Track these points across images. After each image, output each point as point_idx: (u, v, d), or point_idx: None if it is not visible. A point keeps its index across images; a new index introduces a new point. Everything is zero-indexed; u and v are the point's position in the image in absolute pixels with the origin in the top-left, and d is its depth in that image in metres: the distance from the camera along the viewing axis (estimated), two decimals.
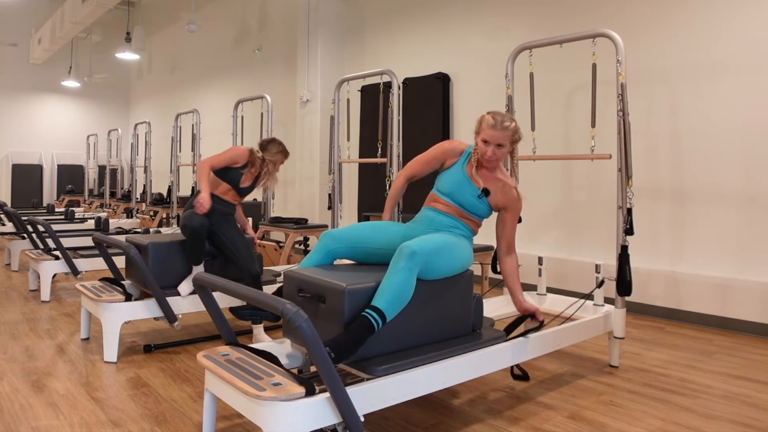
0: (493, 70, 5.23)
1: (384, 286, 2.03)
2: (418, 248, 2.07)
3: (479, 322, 2.44)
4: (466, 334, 2.39)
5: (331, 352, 1.86)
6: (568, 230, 4.74)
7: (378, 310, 1.98)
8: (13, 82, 12.34)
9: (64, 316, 3.89)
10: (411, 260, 2.04)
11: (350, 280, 2.06)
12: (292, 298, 2.23)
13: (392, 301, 2.00)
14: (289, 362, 2.30)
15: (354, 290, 2.02)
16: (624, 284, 2.85)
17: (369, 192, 6.52)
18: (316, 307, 2.12)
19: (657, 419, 2.32)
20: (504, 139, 2.41)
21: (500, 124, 2.40)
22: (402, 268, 2.03)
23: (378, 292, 2.02)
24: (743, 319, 3.68)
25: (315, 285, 2.13)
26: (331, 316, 2.05)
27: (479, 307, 2.43)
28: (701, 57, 3.97)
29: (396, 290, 2.01)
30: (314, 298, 2.12)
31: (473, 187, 2.45)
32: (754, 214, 3.72)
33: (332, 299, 2.05)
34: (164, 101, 11.90)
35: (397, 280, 2.02)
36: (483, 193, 2.44)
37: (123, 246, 3.01)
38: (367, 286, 2.06)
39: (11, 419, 2.26)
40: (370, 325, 1.96)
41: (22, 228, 5.07)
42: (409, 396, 2.02)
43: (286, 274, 2.28)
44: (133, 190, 8.38)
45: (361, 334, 1.94)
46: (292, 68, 7.60)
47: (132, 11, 11.92)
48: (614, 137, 2.92)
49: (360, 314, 1.99)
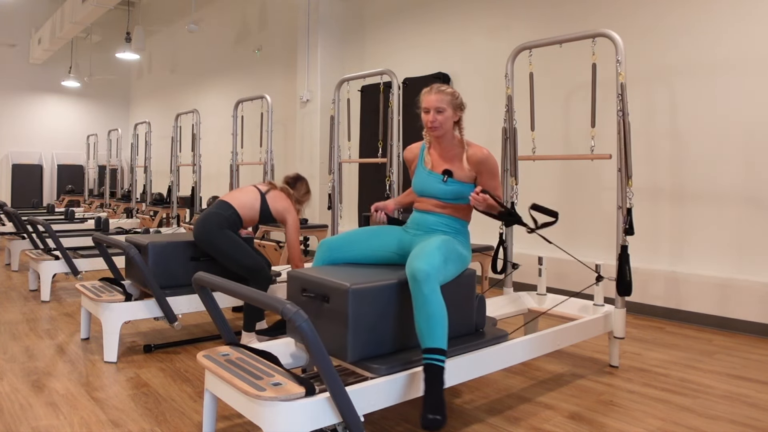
0: (493, 70, 5.22)
1: (421, 322, 2.01)
2: (429, 267, 2.03)
3: (482, 322, 2.44)
4: (470, 333, 2.39)
5: (436, 416, 1.90)
6: (568, 230, 4.74)
7: (434, 350, 1.98)
8: (13, 82, 12.34)
9: (64, 316, 3.89)
10: (429, 282, 2.02)
11: (354, 280, 2.06)
12: (296, 298, 2.23)
13: (437, 331, 1.99)
14: (293, 362, 2.31)
15: (358, 290, 2.03)
16: (624, 284, 2.85)
17: (369, 192, 6.51)
18: (320, 307, 2.12)
19: (657, 419, 2.32)
20: (441, 102, 2.36)
21: (435, 89, 2.39)
22: (427, 294, 2.01)
23: (421, 331, 2.01)
24: (743, 319, 3.68)
25: (319, 284, 2.13)
26: (335, 315, 2.06)
27: (482, 307, 2.44)
28: (701, 57, 3.97)
29: (435, 320, 2.00)
30: (318, 297, 2.12)
31: (435, 175, 2.42)
32: (754, 214, 3.72)
33: (336, 299, 2.05)
34: (164, 101, 11.90)
35: (431, 311, 2.00)
36: (446, 175, 2.38)
37: (123, 246, 3.01)
38: (371, 285, 2.06)
39: (11, 419, 2.26)
40: (439, 369, 1.98)
41: (22, 228, 5.07)
42: (409, 396, 2.02)
43: (290, 273, 2.28)
44: (133, 190, 8.38)
45: (438, 381, 1.96)
46: (292, 68, 7.59)
47: (132, 11, 11.91)
48: (614, 137, 2.92)
49: (423, 365, 1.99)
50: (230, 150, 6.09)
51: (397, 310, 2.14)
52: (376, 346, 2.07)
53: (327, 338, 2.08)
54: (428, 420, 1.90)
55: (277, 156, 6.93)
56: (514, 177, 3.32)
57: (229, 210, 3.24)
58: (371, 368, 1.99)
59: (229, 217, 3.22)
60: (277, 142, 7.31)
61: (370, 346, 2.05)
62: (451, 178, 2.38)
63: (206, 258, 3.33)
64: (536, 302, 3.28)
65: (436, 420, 1.90)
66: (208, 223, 3.18)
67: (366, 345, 2.05)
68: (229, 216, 3.22)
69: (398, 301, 2.14)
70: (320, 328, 2.12)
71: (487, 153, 2.39)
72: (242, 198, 3.32)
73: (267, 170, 5.47)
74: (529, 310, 3.22)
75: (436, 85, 2.42)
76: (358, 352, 2.03)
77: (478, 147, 2.41)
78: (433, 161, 2.46)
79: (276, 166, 6.51)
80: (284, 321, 3.04)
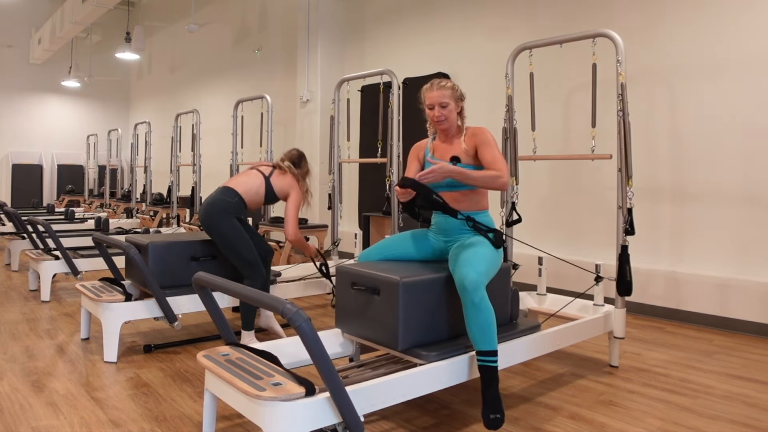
0: (493, 70, 5.23)
1: (473, 327, 2.12)
2: (477, 275, 2.13)
3: (516, 313, 2.62)
4: (505, 323, 2.58)
5: (497, 414, 2.10)
6: (568, 230, 4.74)
7: (487, 353, 2.12)
8: (13, 82, 12.34)
9: (64, 316, 3.89)
10: (479, 291, 2.12)
11: (404, 274, 2.19)
12: (346, 292, 2.37)
13: (489, 334, 2.12)
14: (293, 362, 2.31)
15: (408, 283, 2.16)
16: (624, 284, 2.85)
17: (369, 192, 6.51)
18: (370, 300, 2.25)
19: (657, 419, 2.32)
20: (444, 97, 2.46)
21: (436, 85, 2.50)
22: (478, 302, 2.11)
23: (473, 335, 2.13)
24: (743, 319, 3.68)
25: (369, 278, 2.26)
26: (385, 308, 2.19)
27: (516, 299, 2.62)
28: (701, 57, 3.97)
29: (486, 325, 2.12)
30: (369, 290, 2.25)
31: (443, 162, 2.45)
32: (754, 214, 3.72)
33: (387, 292, 2.17)
34: (164, 101, 11.90)
35: (483, 317, 2.11)
36: (453, 161, 2.45)
37: (123, 246, 3.01)
38: (420, 278, 2.20)
39: (11, 419, 2.26)
40: (493, 369, 2.13)
41: (22, 228, 5.07)
42: (410, 396, 2.03)
43: (339, 268, 2.42)
44: (133, 190, 8.38)
45: (494, 381, 2.13)
46: (292, 68, 7.59)
47: (132, 11, 11.91)
48: (614, 137, 2.92)
49: (479, 367, 2.14)
50: (230, 150, 6.09)
51: (443, 302, 2.28)
52: (425, 335, 2.22)
53: (377, 329, 2.23)
54: (490, 420, 2.10)
55: (277, 156, 6.94)
56: (514, 177, 3.31)
57: (235, 197, 3.26)
58: (421, 355, 2.14)
59: (236, 204, 3.24)
60: (277, 142, 7.31)
61: (419, 335, 2.19)
62: (460, 162, 2.45)
63: (206, 258, 3.33)
64: (536, 302, 3.28)
65: (497, 419, 2.10)
66: (216, 208, 3.19)
67: (415, 334, 2.19)
68: (236, 203, 3.25)
69: (445, 295, 2.28)
70: (370, 319, 2.26)
71: (480, 128, 2.48)
72: (247, 183, 3.35)
73: None
74: (529, 310, 3.22)
75: (436, 81, 2.52)
76: (409, 341, 2.17)
77: (474, 127, 2.51)
78: (440, 151, 2.56)
79: None
80: None
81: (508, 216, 3.27)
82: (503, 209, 3.34)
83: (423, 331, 2.21)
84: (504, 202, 3.33)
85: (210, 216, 3.18)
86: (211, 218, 3.18)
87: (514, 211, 3.25)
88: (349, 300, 2.37)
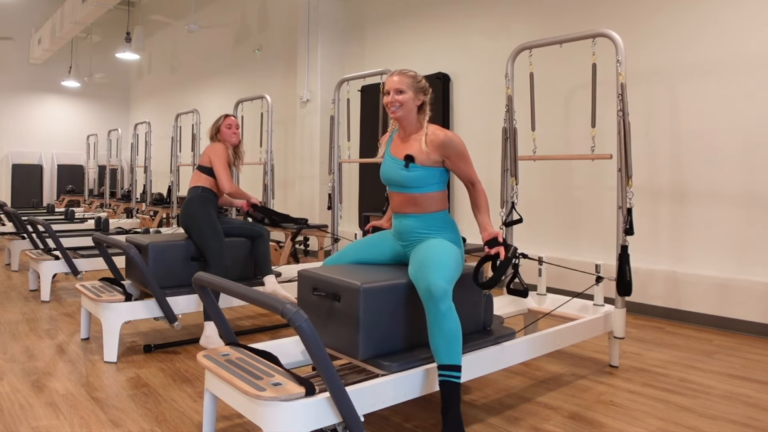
0: (493, 70, 5.22)
1: (438, 338, 2.00)
2: (445, 282, 2.01)
3: (489, 320, 2.48)
4: (478, 331, 2.43)
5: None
6: (568, 230, 4.74)
7: (450, 367, 2.00)
8: (12, 82, 12.33)
9: (64, 316, 3.89)
10: (446, 299, 2.00)
11: (365, 279, 2.08)
12: (308, 297, 2.26)
13: (454, 347, 2.00)
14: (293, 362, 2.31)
15: (369, 288, 2.05)
16: (624, 284, 2.85)
17: (369, 192, 6.51)
18: (331, 306, 2.15)
19: (657, 419, 2.32)
20: (401, 83, 2.26)
21: (398, 72, 2.31)
22: (444, 311, 1.99)
23: (437, 347, 2.01)
24: (743, 319, 3.68)
25: (330, 284, 2.15)
26: (346, 314, 2.08)
27: (489, 305, 2.48)
28: (701, 57, 3.97)
29: (452, 337, 2.00)
30: (329, 296, 2.14)
31: (398, 161, 2.29)
32: (754, 214, 3.72)
33: (347, 298, 2.07)
34: (164, 101, 11.89)
35: (449, 328, 1.99)
36: (407, 161, 2.25)
37: (123, 246, 3.01)
38: (381, 284, 2.09)
39: (11, 419, 2.26)
40: (456, 385, 2.01)
41: (22, 228, 5.07)
42: (419, 392, 2.03)
43: (301, 273, 2.31)
44: (133, 190, 8.37)
45: (456, 398, 2.00)
46: (292, 68, 7.59)
47: (132, 11, 11.91)
48: (614, 137, 2.92)
49: (440, 382, 2.01)
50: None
51: (407, 309, 2.15)
52: (387, 344, 2.09)
53: (338, 336, 2.11)
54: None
55: (277, 156, 6.94)
56: (514, 177, 3.32)
57: (196, 190, 3.43)
58: (382, 365, 2.02)
59: (202, 194, 3.41)
60: (277, 142, 7.31)
61: (381, 344, 2.07)
62: (413, 163, 2.25)
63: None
64: (536, 302, 3.28)
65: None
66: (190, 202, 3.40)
67: (377, 343, 2.07)
68: (201, 193, 3.41)
69: (408, 301, 2.15)
70: (331, 326, 2.14)
71: (445, 135, 2.24)
72: (194, 177, 3.53)
73: (267, 170, 5.47)
74: (529, 310, 3.22)
75: (399, 69, 2.35)
76: (370, 350, 2.05)
77: (436, 128, 2.28)
78: (396, 148, 2.36)
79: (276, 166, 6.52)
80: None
81: (508, 216, 3.27)
82: (503, 209, 3.34)
83: (385, 340, 2.08)
84: (504, 202, 3.34)
85: (185, 208, 3.40)
86: (186, 207, 3.40)
87: (514, 211, 3.24)
88: (310, 306, 2.24)
